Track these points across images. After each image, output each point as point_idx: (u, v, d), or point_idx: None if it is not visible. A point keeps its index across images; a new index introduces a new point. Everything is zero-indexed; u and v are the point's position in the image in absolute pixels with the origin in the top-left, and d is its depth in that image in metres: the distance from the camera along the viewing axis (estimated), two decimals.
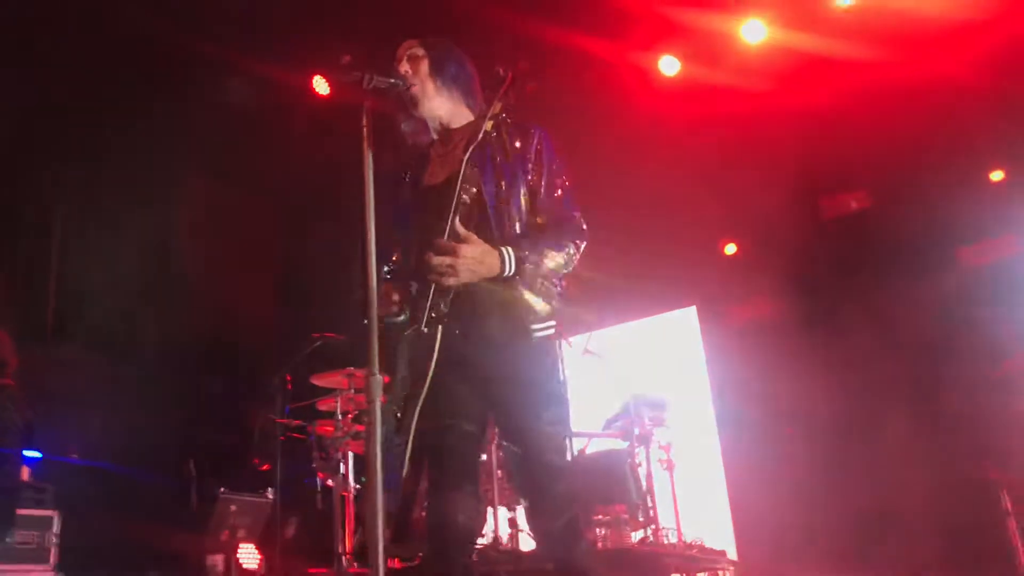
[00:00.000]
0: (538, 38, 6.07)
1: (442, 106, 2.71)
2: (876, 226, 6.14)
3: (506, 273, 2.44)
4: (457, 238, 2.42)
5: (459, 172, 2.52)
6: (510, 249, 2.46)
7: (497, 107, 2.54)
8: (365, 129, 2.41)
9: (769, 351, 6.18)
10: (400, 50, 2.76)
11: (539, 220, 2.60)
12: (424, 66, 2.70)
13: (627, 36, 6.22)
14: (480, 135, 2.54)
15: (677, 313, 6.95)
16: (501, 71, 2.56)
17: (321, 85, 6.53)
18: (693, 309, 6.86)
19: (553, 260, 2.53)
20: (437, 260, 2.40)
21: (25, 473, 5.12)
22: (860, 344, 5.71)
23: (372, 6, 5.95)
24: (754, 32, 5.97)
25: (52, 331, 6.17)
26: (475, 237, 2.43)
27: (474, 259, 2.41)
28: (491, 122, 2.56)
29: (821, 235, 6.30)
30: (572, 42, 6.19)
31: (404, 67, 2.70)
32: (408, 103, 2.70)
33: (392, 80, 2.59)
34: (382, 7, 5.85)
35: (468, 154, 2.52)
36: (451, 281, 2.41)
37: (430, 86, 2.69)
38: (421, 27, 2.91)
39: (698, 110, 6.20)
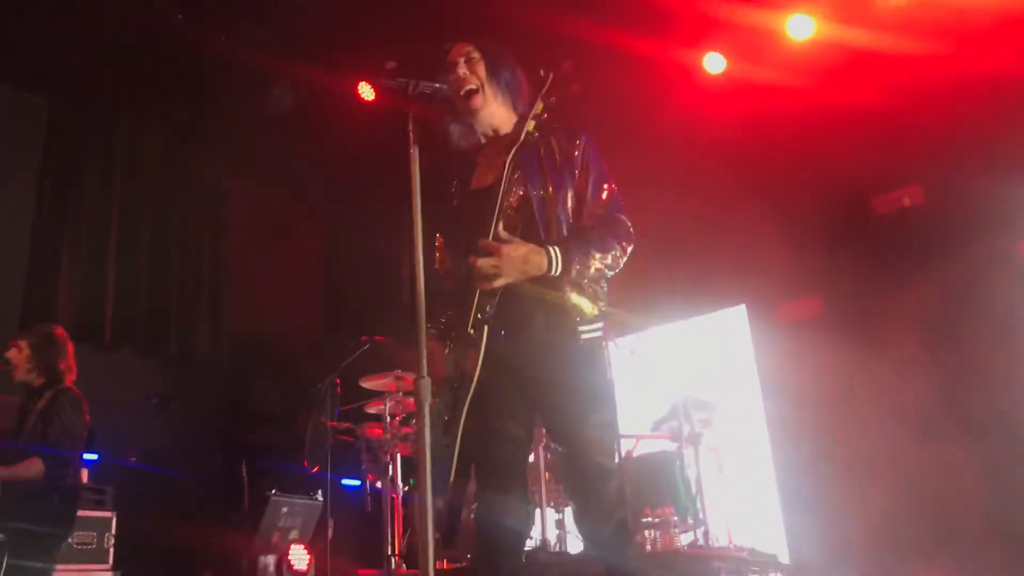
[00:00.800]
0: (581, 38, 6.06)
1: (496, 111, 2.71)
2: (930, 222, 5.99)
3: (553, 272, 2.44)
4: (499, 240, 2.42)
5: (505, 176, 2.53)
6: (557, 248, 2.45)
7: (539, 108, 2.53)
8: (411, 135, 2.43)
9: (820, 351, 6.05)
10: (454, 52, 2.75)
11: (586, 223, 2.59)
12: (481, 69, 2.70)
13: (672, 34, 6.18)
14: (522, 136, 2.53)
15: (726, 312, 6.86)
16: (542, 72, 2.56)
17: (366, 91, 6.59)
18: (742, 308, 6.76)
19: (600, 261, 2.52)
20: (482, 262, 2.40)
21: (84, 475, 5.25)
22: (914, 344, 5.58)
23: (414, 10, 5.98)
24: (801, 27, 5.88)
25: (110, 336, 6.32)
26: (518, 239, 2.43)
27: (519, 258, 2.41)
28: (532, 123, 2.54)
29: (874, 232, 6.17)
30: (616, 42, 6.16)
31: (461, 69, 2.69)
32: (463, 107, 2.70)
33: (437, 85, 2.60)
34: (425, 11, 5.89)
35: (511, 156, 2.52)
36: (498, 283, 2.41)
37: (488, 90, 2.69)
38: (464, 29, 2.90)
39: (744, 107, 6.13)
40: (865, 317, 5.94)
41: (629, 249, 2.61)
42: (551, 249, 2.45)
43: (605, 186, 2.65)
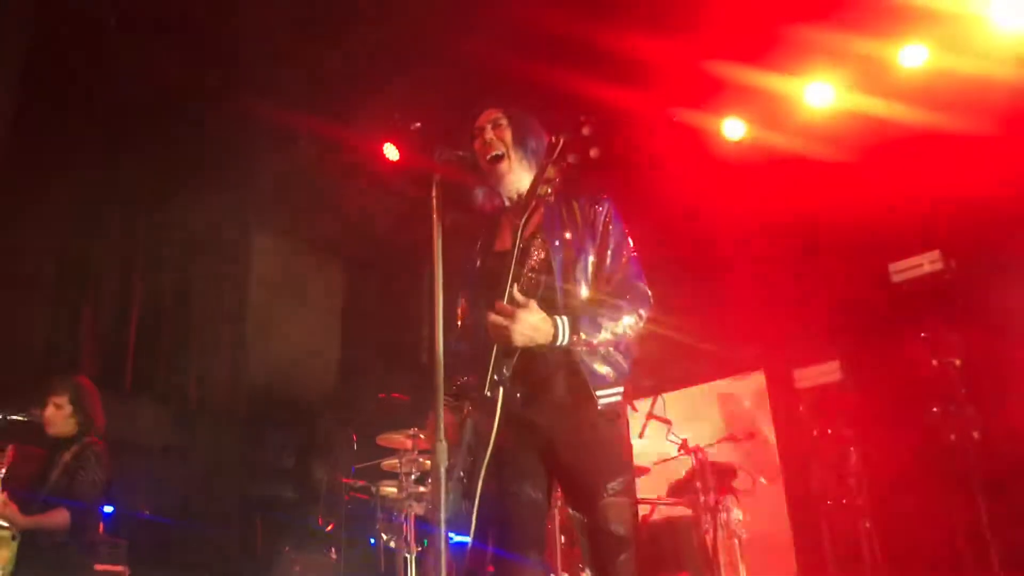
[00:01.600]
0: (602, 102, 6.16)
1: (521, 176, 2.74)
2: (950, 288, 5.98)
3: (559, 342, 2.45)
4: (514, 303, 2.45)
5: (519, 239, 2.56)
6: (565, 319, 2.47)
7: (550, 172, 2.56)
8: (434, 199, 2.47)
9: (840, 416, 6.01)
10: (483, 117, 2.80)
11: (603, 289, 2.61)
12: (508, 135, 2.75)
13: (692, 100, 6.27)
14: (533, 202, 2.56)
15: (744, 377, 6.83)
16: (552, 138, 2.59)
17: (391, 151, 6.69)
18: (760, 374, 6.73)
19: (610, 331, 2.52)
20: (494, 319, 2.42)
21: (100, 528, 5.24)
22: (935, 410, 5.52)
23: (440, 75, 6.12)
24: (820, 95, 5.96)
25: (130, 386, 6.37)
26: (534, 304, 2.45)
27: (530, 324, 2.41)
28: (546, 187, 2.57)
29: (893, 297, 6.15)
30: (636, 106, 6.27)
31: (489, 135, 2.75)
32: (489, 172, 2.75)
33: (461, 153, 2.66)
34: (450, 75, 6.02)
35: (523, 221, 2.55)
36: (505, 344, 2.43)
37: (514, 156, 2.73)
38: (492, 96, 2.97)
39: (763, 174, 6.18)
40: (886, 382, 5.90)
41: (646, 315, 2.62)
42: (559, 320, 2.46)
43: (625, 252, 2.67)
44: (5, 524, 4.12)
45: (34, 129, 5.69)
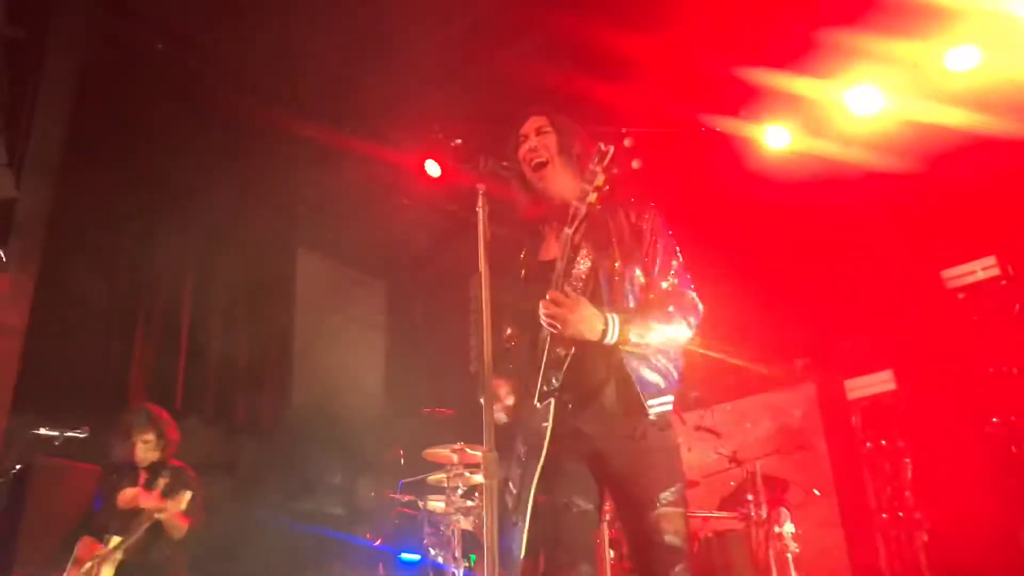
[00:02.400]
0: (641, 112, 6.15)
1: (565, 183, 2.72)
2: (1006, 293, 5.82)
3: (608, 338, 2.42)
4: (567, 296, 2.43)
5: (567, 246, 2.54)
6: (616, 316, 2.44)
7: (600, 180, 2.54)
8: (480, 211, 2.47)
9: (894, 427, 5.89)
10: (527, 125, 2.80)
11: (652, 297, 2.58)
12: (552, 142, 2.74)
13: (738, 109, 6.21)
14: (584, 210, 2.54)
15: (794, 388, 6.71)
16: (603, 146, 2.57)
17: (433, 168, 6.72)
18: (811, 384, 6.61)
19: (661, 333, 2.49)
20: (548, 309, 2.41)
21: None
22: (998, 420, 5.37)
23: (481, 88, 6.15)
24: (866, 101, 5.86)
25: (180, 407, 6.45)
26: (585, 300, 2.43)
27: (580, 316, 2.39)
28: (594, 195, 2.54)
29: (946, 304, 6.02)
30: (677, 115, 6.23)
31: (533, 142, 2.74)
32: (533, 179, 2.74)
33: (505, 163, 2.66)
34: (490, 89, 6.04)
35: (573, 229, 2.53)
36: (556, 331, 2.41)
37: (558, 162, 2.72)
38: (536, 103, 2.96)
39: (810, 182, 6.09)
40: (940, 392, 5.77)
41: (695, 323, 2.58)
42: (609, 316, 2.43)
43: (672, 261, 2.65)
44: (116, 541, 4.32)
45: (84, 162, 5.82)
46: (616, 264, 2.59)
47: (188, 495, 4.41)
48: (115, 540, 4.34)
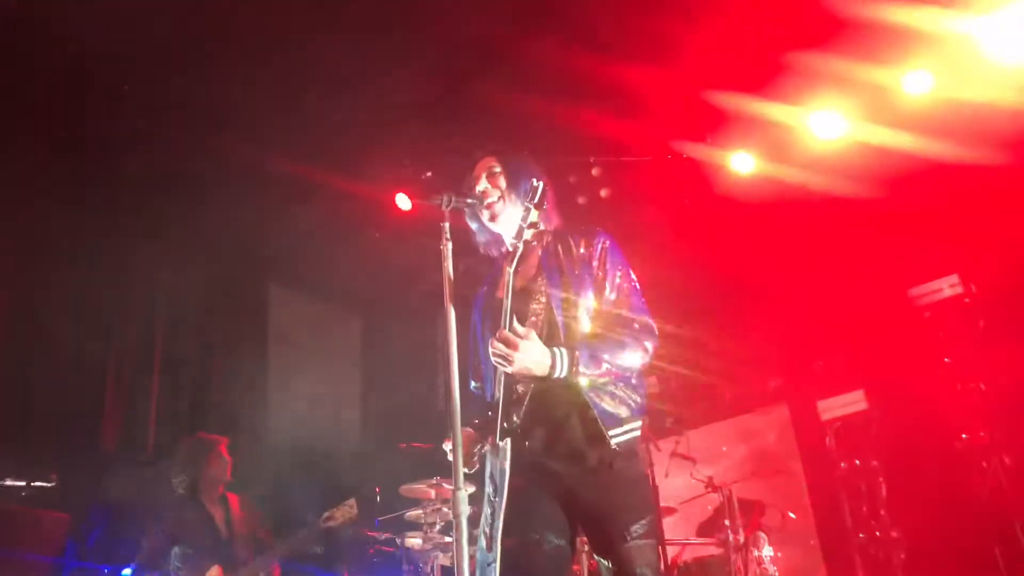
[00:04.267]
0: (609, 140, 6.20)
1: (515, 221, 2.75)
2: (971, 310, 5.92)
3: (558, 372, 2.43)
4: (516, 334, 2.44)
5: (520, 285, 2.56)
6: (563, 351, 2.46)
7: (533, 216, 2.56)
8: (443, 249, 2.49)
9: (867, 447, 5.94)
10: (478, 168, 2.86)
11: (605, 324, 2.60)
12: (501, 181, 2.80)
13: (703, 136, 6.29)
14: (521, 247, 2.54)
15: (768, 411, 6.74)
16: (534, 181, 2.60)
17: (403, 201, 6.73)
18: (784, 407, 6.65)
19: (612, 362, 2.51)
20: (495, 347, 2.42)
21: None
22: (967, 436, 5.43)
23: (451, 120, 6.18)
24: (829, 126, 5.95)
25: (152, 450, 6.37)
26: (534, 335, 2.45)
27: (528, 353, 2.41)
28: (529, 231, 2.54)
29: (914, 323, 6.10)
30: (642, 142, 6.30)
31: (482, 185, 2.79)
32: (486, 218, 2.80)
33: (470, 200, 2.70)
34: (461, 120, 6.08)
35: (513, 267, 2.54)
36: (506, 369, 2.42)
37: (508, 203, 2.77)
38: (490, 142, 3.01)
39: (776, 206, 6.17)
40: (911, 410, 5.83)
41: (651, 348, 2.59)
42: (556, 351, 2.45)
43: (625, 286, 2.67)
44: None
45: (49, 193, 5.77)
46: (570, 295, 2.62)
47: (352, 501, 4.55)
48: (215, 570, 4.39)
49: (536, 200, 2.52)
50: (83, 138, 6.06)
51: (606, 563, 2.48)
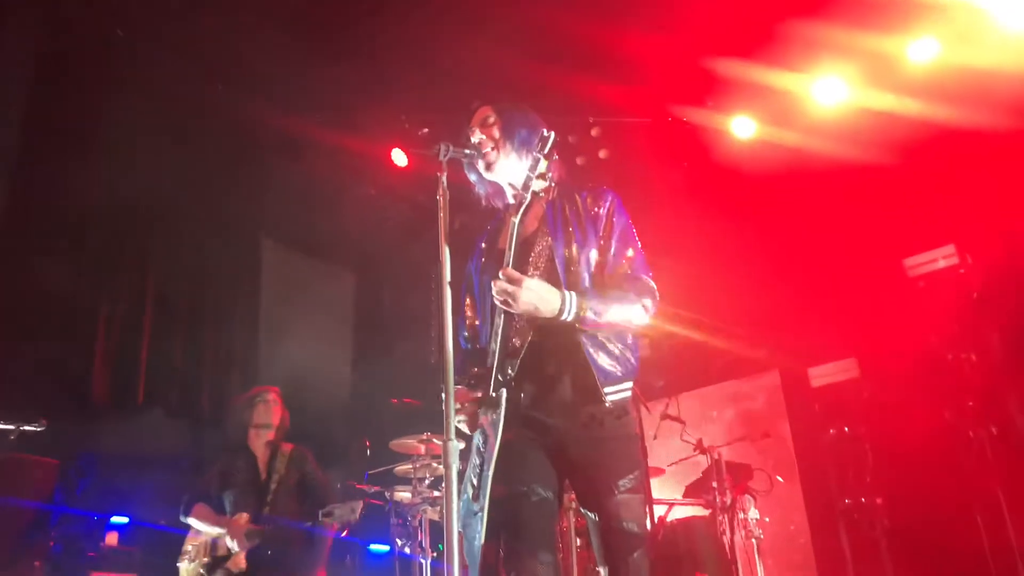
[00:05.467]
0: (608, 103, 6.15)
1: (513, 173, 2.74)
2: (965, 282, 5.92)
3: (566, 315, 2.42)
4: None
5: (523, 236, 2.53)
6: (572, 293, 2.44)
7: (542, 167, 2.53)
8: (440, 199, 2.45)
9: (856, 414, 5.97)
10: (475, 117, 2.82)
11: (608, 282, 2.59)
12: (496, 131, 2.75)
13: (704, 99, 6.24)
14: (528, 197, 2.52)
15: (759, 377, 6.77)
16: (544, 131, 2.57)
17: (399, 157, 6.68)
18: (775, 373, 6.67)
19: (618, 313, 2.49)
20: (500, 286, 2.39)
21: (113, 538, 5.25)
22: (952, 408, 5.46)
23: (448, 76, 6.11)
24: (831, 92, 5.92)
25: (143, 399, 6.36)
26: (539, 278, 2.44)
27: (535, 292, 2.39)
28: (538, 182, 2.53)
29: (908, 293, 6.10)
30: (642, 105, 6.25)
31: (477, 135, 2.74)
32: (482, 168, 2.76)
33: (467, 151, 2.66)
34: (457, 76, 6.01)
35: (519, 217, 2.52)
36: (510, 309, 2.40)
37: (501, 152, 2.73)
38: (486, 93, 2.98)
39: (774, 171, 6.14)
40: (903, 381, 5.85)
41: (651, 307, 2.58)
42: (566, 293, 2.43)
43: (629, 246, 2.65)
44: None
45: (42, 154, 5.70)
46: (572, 249, 2.60)
47: (361, 505, 4.44)
48: (244, 516, 4.46)
49: (546, 150, 2.49)
50: (69, 89, 5.98)
51: (593, 516, 2.49)
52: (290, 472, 4.68)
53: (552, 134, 2.51)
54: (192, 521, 4.59)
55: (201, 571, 4.40)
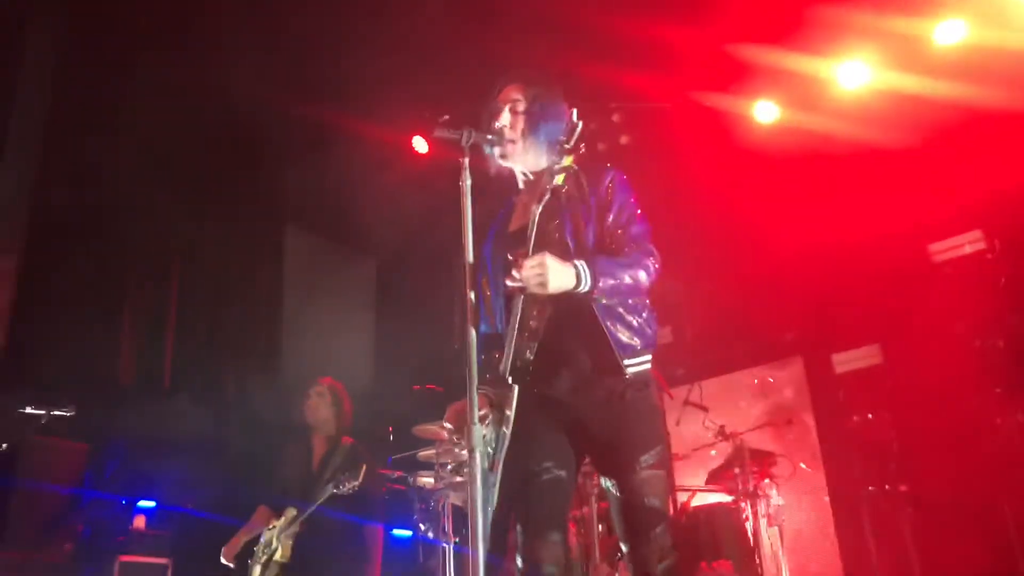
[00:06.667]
0: (629, 89, 6.11)
1: (531, 159, 2.72)
2: (992, 268, 5.84)
3: (583, 285, 2.40)
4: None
5: (534, 222, 2.52)
6: (582, 262, 2.42)
7: (567, 160, 2.51)
8: (462, 185, 2.44)
9: (880, 401, 5.93)
10: (502, 96, 2.77)
11: (609, 244, 2.59)
12: (521, 122, 2.71)
13: (726, 84, 6.19)
14: (548, 192, 2.50)
15: (782, 363, 6.73)
16: (574, 118, 2.55)
17: (420, 144, 6.69)
18: (799, 359, 6.63)
19: (630, 277, 2.48)
20: (527, 270, 2.36)
21: (141, 522, 5.33)
22: (982, 393, 5.40)
23: (467, 64, 6.09)
24: (855, 75, 5.85)
25: (169, 384, 6.44)
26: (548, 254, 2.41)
27: (555, 268, 2.36)
28: (561, 176, 2.50)
29: (934, 279, 6.03)
30: (664, 92, 6.21)
31: (503, 120, 2.71)
32: (496, 155, 2.73)
33: (490, 136, 2.64)
34: (477, 64, 5.98)
35: (540, 208, 2.50)
36: (541, 291, 2.37)
37: (521, 144, 2.70)
38: (507, 74, 2.93)
39: (798, 156, 6.08)
40: (925, 367, 5.79)
41: (653, 268, 2.55)
42: (577, 263, 2.41)
43: (629, 212, 2.64)
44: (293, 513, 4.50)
45: (67, 140, 5.75)
46: (579, 227, 2.60)
47: (364, 468, 4.38)
48: (291, 512, 4.47)
49: (570, 144, 2.48)
50: (94, 75, 6.02)
51: (616, 493, 2.49)
52: (345, 466, 4.66)
53: (579, 125, 2.48)
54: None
55: (258, 567, 4.45)
